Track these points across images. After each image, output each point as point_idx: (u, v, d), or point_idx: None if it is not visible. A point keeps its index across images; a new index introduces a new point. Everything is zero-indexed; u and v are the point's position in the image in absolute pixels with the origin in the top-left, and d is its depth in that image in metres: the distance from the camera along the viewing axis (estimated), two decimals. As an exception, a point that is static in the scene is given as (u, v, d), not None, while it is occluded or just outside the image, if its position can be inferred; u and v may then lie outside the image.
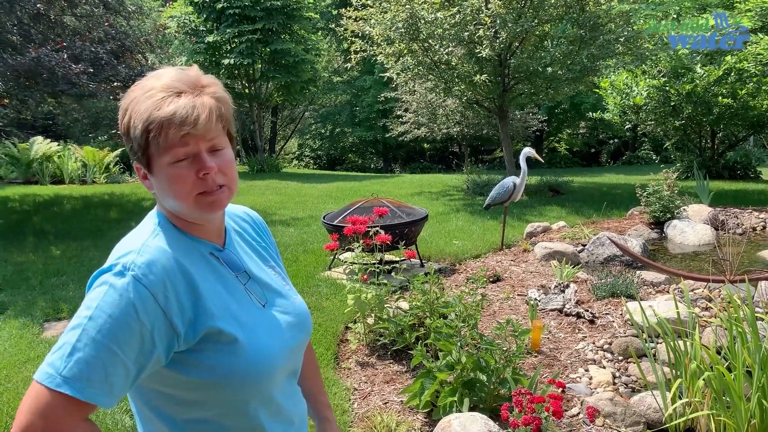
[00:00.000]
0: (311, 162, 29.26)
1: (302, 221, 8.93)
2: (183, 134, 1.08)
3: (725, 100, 11.80)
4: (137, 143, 1.10)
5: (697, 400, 2.90)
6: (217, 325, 1.12)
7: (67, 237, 7.96)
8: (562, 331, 4.28)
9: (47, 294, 5.56)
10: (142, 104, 1.09)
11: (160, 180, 1.13)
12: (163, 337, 1.07)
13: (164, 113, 1.07)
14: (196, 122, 1.09)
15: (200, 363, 1.12)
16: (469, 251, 6.64)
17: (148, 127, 1.08)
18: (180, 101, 1.09)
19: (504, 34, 9.36)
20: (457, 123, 17.08)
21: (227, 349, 1.13)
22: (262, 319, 1.22)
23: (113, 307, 1.03)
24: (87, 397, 1.01)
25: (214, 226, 1.24)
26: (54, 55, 7.87)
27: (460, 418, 2.76)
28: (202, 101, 1.11)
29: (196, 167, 1.12)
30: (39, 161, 14.25)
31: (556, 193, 11.47)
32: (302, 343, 1.33)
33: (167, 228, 1.18)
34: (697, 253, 6.36)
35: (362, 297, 4.11)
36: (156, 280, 1.07)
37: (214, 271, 1.19)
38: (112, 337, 1.02)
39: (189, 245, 1.18)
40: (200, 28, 17.59)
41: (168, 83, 1.11)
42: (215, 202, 1.15)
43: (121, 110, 1.12)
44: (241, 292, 1.22)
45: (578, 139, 27.75)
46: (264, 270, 1.33)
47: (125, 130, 1.12)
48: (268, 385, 1.20)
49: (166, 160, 1.10)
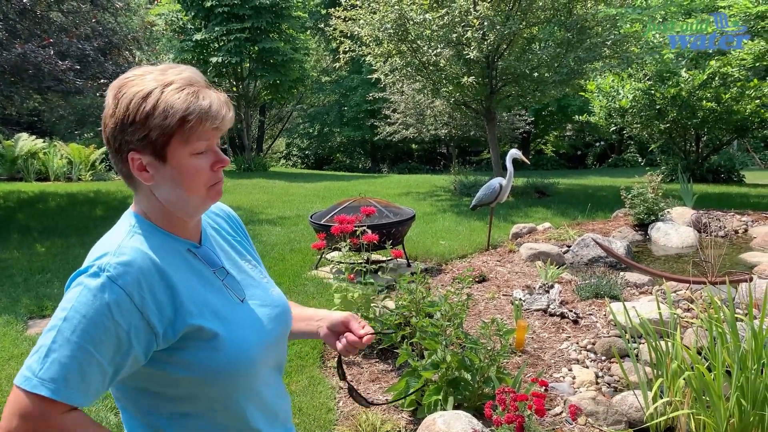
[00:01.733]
0: (299, 161, 29.22)
1: (289, 220, 8.93)
2: (213, 128, 1.13)
3: (709, 104, 11.94)
4: (162, 131, 1.10)
5: (677, 400, 2.95)
6: (196, 322, 1.14)
7: (52, 234, 7.91)
8: (546, 331, 4.32)
9: (31, 291, 5.53)
10: (175, 95, 1.10)
11: (176, 171, 1.14)
12: (141, 338, 1.09)
13: (203, 105, 1.11)
14: (224, 117, 1.15)
15: (182, 360, 1.14)
16: (456, 251, 6.68)
17: (187, 116, 1.10)
18: (211, 96, 1.14)
19: (492, 36, 9.41)
20: (445, 124, 17.15)
21: (208, 345, 1.15)
22: (242, 313, 1.24)
23: (87, 308, 1.05)
24: (63, 398, 1.03)
25: (193, 223, 1.26)
26: (40, 52, 7.81)
27: (445, 416, 2.79)
28: (225, 98, 1.17)
29: (212, 160, 1.17)
30: (24, 158, 14.12)
31: (542, 195, 11.55)
32: (283, 334, 1.35)
33: (144, 227, 1.19)
34: (680, 255, 6.43)
35: (349, 296, 4.13)
36: (131, 280, 1.08)
37: (191, 268, 1.21)
38: (87, 337, 1.04)
39: (166, 243, 1.19)
40: (188, 26, 17.51)
41: (190, 78, 1.15)
42: (219, 193, 1.21)
43: (133, 98, 1.10)
44: (219, 288, 1.24)
45: (565, 141, 27.94)
46: (240, 264, 1.34)
47: (143, 117, 1.10)
48: (251, 379, 1.22)
49: (188, 151, 1.13)
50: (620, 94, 13.03)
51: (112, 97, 1.13)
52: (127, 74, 1.16)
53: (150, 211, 1.21)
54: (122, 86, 1.13)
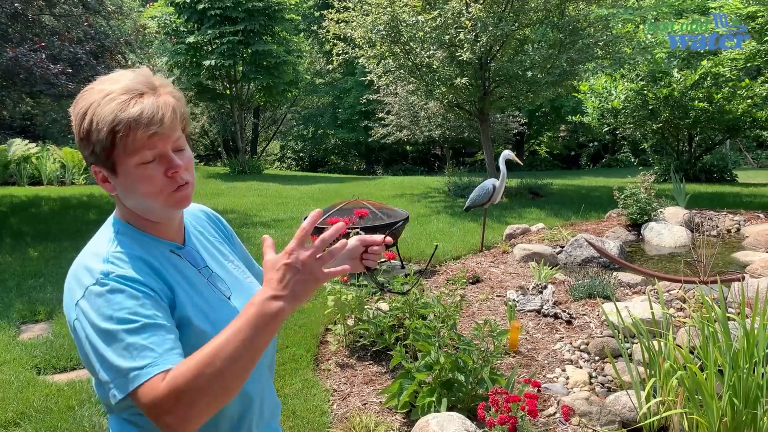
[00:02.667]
0: (293, 164, 29.20)
1: (283, 223, 8.92)
2: (150, 134, 1.10)
3: (701, 104, 11.99)
4: (101, 146, 1.10)
5: (670, 399, 2.95)
6: (187, 315, 1.16)
7: (45, 238, 7.88)
8: (539, 332, 4.33)
9: (24, 296, 5.50)
10: (105, 107, 1.09)
11: (127, 181, 1.14)
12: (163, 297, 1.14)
13: (131, 114, 1.09)
14: (161, 121, 1.11)
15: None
16: (450, 253, 6.69)
17: (114, 128, 1.08)
18: (144, 101, 1.11)
19: (484, 38, 9.43)
20: (438, 125, 17.17)
21: (196, 342, 1.14)
22: (228, 311, 1.24)
23: (126, 300, 1.07)
24: (171, 362, 1.04)
25: (175, 224, 1.27)
26: (32, 55, 7.79)
27: (438, 417, 2.79)
28: (165, 100, 1.14)
29: (164, 166, 1.14)
30: (17, 162, 14.05)
31: (536, 196, 11.57)
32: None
33: (127, 233, 1.20)
34: (673, 254, 6.46)
35: (342, 298, 4.13)
36: (135, 270, 1.12)
37: (177, 268, 1.22)
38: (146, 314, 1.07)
39: (151, 246, 1.21)
40: (181, 29, 17.47)
41: (128, 85, 1.12)
42: (184, 198, 1.19)
43: (77, 115, 1.12)
44: (205, 287, 1.25)
45: (558, 142, 27.99)
46: (224, 264, 1.36)
47: (85, 134, 1.11)
48: None
49: (134, 161, 1.12)
50: (613, 95, 13.07)
51: (72, 112, 1.15)
52: (88, 86, 1.16)
53: (129, 215, 1.22)
54: (77, 101, 1.14)
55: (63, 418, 3.33)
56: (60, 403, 3.52)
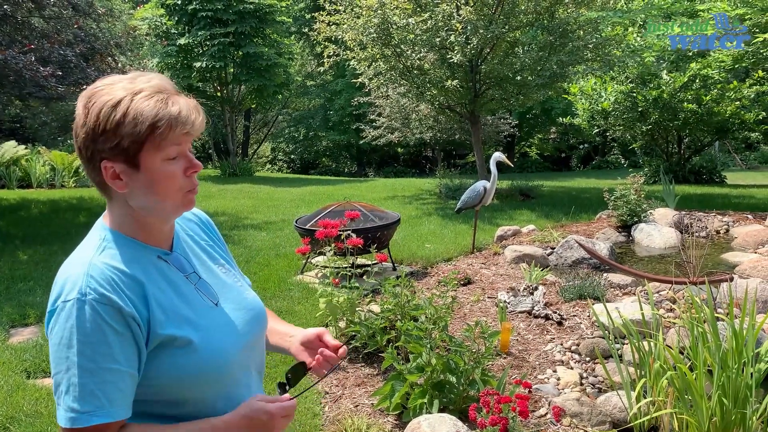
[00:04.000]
0: (285, 166, 29.15)
1: (275, 225, 8.91)
2: (184, 132, 1.14)
3: (690, 105, 12.07)
4: (133, 139, 1.11)
5: (660, 399, 2.97)
6: (167, 332, 1.16)
7: (34, 242, 7.83)
8: (530, 333, 4.34)
9: (13, 300, 5.46)
10: (144, 102, 1.11)
11: (149, 177, 1.15)
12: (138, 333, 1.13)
13: (172, 112, 1.12)
14: (194, 122, 1.15)
15: (158, 367, 1.15)
16: (441, 254, 6.70)
17: (156, 123, 1.11)
18: (180, 102, 1.15)
19: (475, 40, 9.46)
20: (429, 128, 17.17)
21: (182, 352, 1.16)
22: (215, 317, 1.25)
23: (92, 334, 1.08)
24: (115, 416, 1.08)
25: (166, 229, 1.27)
26: (21, 58, 7.75)
27: (430, 419, 2.80)
28: (195, 104, 1.18)
29: (184, 165, 1.17)
30: (6, 165, 13.96)
31: (527, 197, 11.61)
32: (258, 336, 1.37)
33: (115, 239, 1.20)
34: (663, 255, 6.50)
35: (334, 300, 4.13)
36: (109, 289, 1.11)
37: (163, 275, 1.22)
38: (101, 355, 1.08)
39: (138, 253, 1.20)
40: (172, 31, 17.43)
41: (159, 85, 1.15)
42: (192, 200, 1.22)
43: (103, 107, 1.11)
44: (192, 293, 1.25)
45: (549, 144, 28.10)
46: (214, 269, 1.36)
47: (113, 126, 1.11)
48: (227, 382, 1.23)
49: (160, 157, 1.14)
50: (603, 97, 13.14)
51: (82, 106, 1.14)
52: (97, 83, 1.16)
53: (122, 219, 1.21)
54: (92, 96, 1.13)
55: (53, 422, 3.30)
56: (50, 407, 3.50)
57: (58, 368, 1.08)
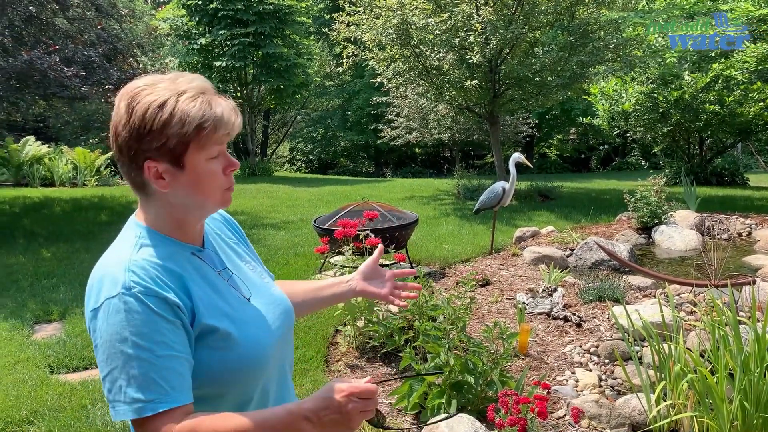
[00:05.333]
0: (303, 166, 29.24)
1: (293, 225, 8.95)
2: (226, 133, 1.17)
3: (712, 107, 11.92)
4: (180, 139, 1.13)
5: (681, 402, 2.95)
6: (210, 322, 1.17)
7: (57, 239, 7.95)
8: (549, 335, 4.33)
9: (37, 296, 5.56)
10: (190, 103, 1.14)
11: (193, 176, 1.17)
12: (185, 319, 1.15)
13: (217, 112, 1.15)
14: (234, 123, 1.19)
15: (199, 361, 1.17)
16: (459, 255, 6.69)
17: (202, 124, 1.13)
18: (222, 103, 1.18)
19: (495, 41, 9.44)
20: (448, 128, 17.15)
21: (221, 345, 1.18)
22: (250, 312, 1.27)
23: (144, 324, 1.09)
24: (179, 401, 1.09)
25: (199, 228, 1.29)
26: (46, 58, 7.88)
27: (448, 419, 2.80)
28: (234, 105, 1.21)
29: (224, 164, 1.20)
30: (29, 163, 14.18)
31: (546, 198, 11.55)
32: (288, 331, 1.39)
33: (151, 236, 1.21)
34: (684, 258, 6.44)
35: (352, 300, 4.14)
36: (157, 287, 1.12)
37: (199, 271, 1.24)
38: (155, 343, 1.09)
39: (173, 250, 1.22)
40: (192, 31, 17.58)
41: (202, 86, 1.18)
42: (230, 199, 1.25)
43: (149, 107, 1.13)
44: (226, 288, 1.26)
45: (568, 144, 27.91)
46: (241, 266, 1.38)
47: (160, 126, 1.12)
48: (264, 377, 1.25)
49: (204, 156, 1.17)
50: (623, 98, 13.02)
51: (125, 106, 1.14)
52: (137, 83, 1.17)
53: (157, 218, 1.23)
54: (135, 95, 1.14)
55: (76, 417, 3.36)
56: (73, 401, 3.56)
57: (112, 364, 1.09)
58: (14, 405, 3.51)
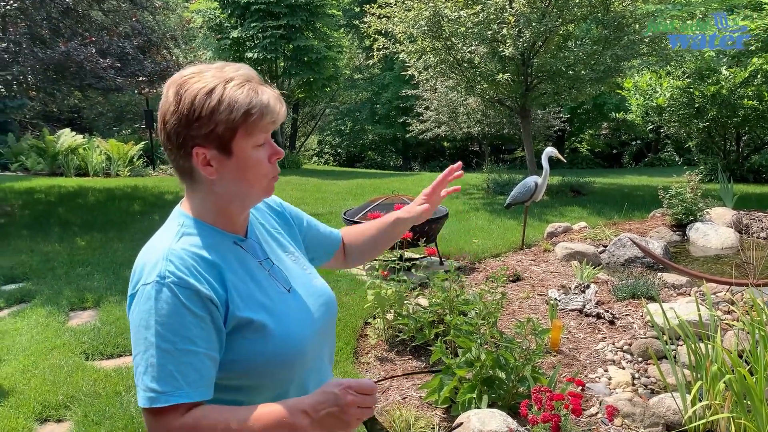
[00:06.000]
0: (331, 159, 29.30)
1: (322, 217, 8.95)
2: (272, 121, 1.18)
3: (751, 102, 11.64)
4: (228, 125, 1.14)
5: (717, 403, 2.89)
6: (245, 315, 1.17)
7: (91, 228, 8.09)
8: (581, 332, 4.28)
9: (73, 284, 5.66)
10: (237, 90, 1.14)
11: (240, 163, 1.18)
12: (216, 316, 1.15)
13: (264, 100, 1.16)
14: (279, 112, 1.19)
15: (234, 352, 1.17)
16: (489, 250, 6.64)
17: (250, 110, 1.14)
18: (267, 92, 1.18)
19: (528, 34, 9.33)
20: (478, 122, 17.02)
21: (256, 336, 1.18)
22: (289, 303, 1.27)
23: (170, 315, 1.10)
24: (193, 397, 1.10)
25: (243, 217, 1.29)
26: (83, 50, 8.01)
27: (479, 414, 2.78)
28: (278, 94, 1.21)
29: (269, 152, 1.21)
30: (64, 153, 14.45)
31: (578, 194, 11.41)
32: (329, 323, 1.39)
33: (194, 225, 1.22)
34: (720, 256, 6.30)
35: (382, 293, 4.14)
36: (192, 278, 1.13)
37: (240, 261, 1.24)
38: (180, 337, 1.09)
39: (216, 239, 1.22)
40: (225, 24, 17.72)
41: (247, 74, 1.18)
42: (273, 187, 1.26)
43: (197, 93, 1.14)
44: (266, 279, 1.27)
45: (600, 139, 27.51)
46: (283, 257, 1.37)
47: (209, 112, 1.13)
48: (302, 369, 1.25)
49: (251, 143, 1.18)
50: (658, 92, 12.78)
51: (174, 93, 1.15)
52: (184, 72, 1.19)
53: (202, 206, 1.24)
54: (183, 83, 1.16)
55: (110, 403, 3.42)
56: (107, 388, 3.62)
57: (137, 349, 1.11)
58: (51, 390, 3.59)
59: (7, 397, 3.52)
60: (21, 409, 3.38)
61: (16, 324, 4.68)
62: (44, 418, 3.36)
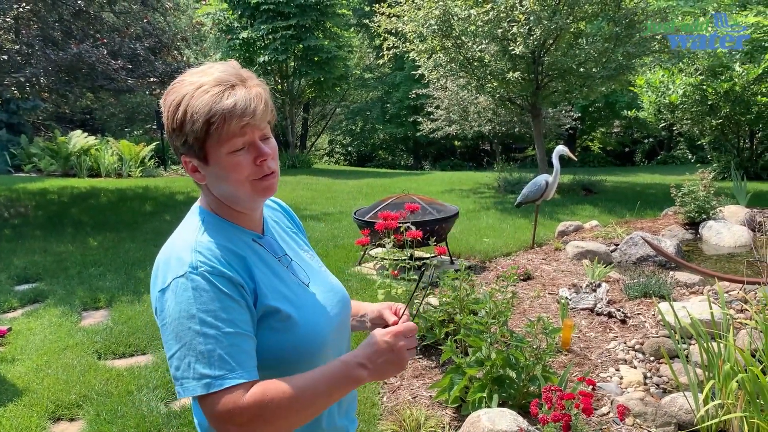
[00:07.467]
0: (341, 158, 29.33)
1: (333, 216, 8.99)
2: (243, 125, 1.15)
3: (764, 99, 11.53)
4: (194, 136, 1.15)
5: (730, 402, 2.87)
6: (273, 303, 1.20)
7: (103, 228, 8.15)
8: (592, 331, 4.25)
9: (85, 284, 5.70)
10: (200, 99, 1.13)
11: (218, 170, 1.18)
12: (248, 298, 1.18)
13: (225, 105, 1.13)
14: (254, 113, 1.16)
15: (261, 342, 1.19)
16: (500, 249, 6.63)
17: (210, 119, 1.13)
18: (238, 93, 1.15)
19: (538, 32, 9.29)
20: (488, 120, 16.97)
21: (282, 327, 1.20)
22: (309, 297, 1.29)
23: (210, 302, 1.11)
24: (246, 377, 1.11)
25: (257, 215, 1.31)
26: (94, 51, 8.06)
27: (490, 413, 2.78)
28: (257, 92, 1.18)
29: (253, 155, 1.19)
30: (77, 154, 14.56)
31: (589, 192, 11.35)
32: (345, 319, 1.41)
33: (212, 221, 1.24)
34: (733, 254, 6.25)
35: (392, 292, 4.14)
36: (223, 265, 1.15)
37: (259, 256, 1.26)
38: (221, 321, 1.11)
39: (234, 235, 1.24)
40: (235, 25, 17.77)
41: (219, 77, 1.16)
42: (269, 186, 1.23)
43: (170, 107, 1.16)
44: (285, 274, 1.29)
45: (612, 138, 27.34)
46: (300, 253, 1.41)
47: (178, 125, 1.15)
48: (321, 362, 1.26)
49: (225, 150, 1.16)
50: (670, 90, 12.68)
51: (162, 104, 1.19)
52: (176, 79, 1.20)
53: (214, 205, 1.26)
54: (167, 94, 1.18)
55: (122, 402, 3.44)
56: (120, 387, 3.64)
57: (181, 341, 1.11)
58: (64, 389, 3.62)
59: (21, 396, 3.55)
60: (34, 408, 3.41)
61: (30, 324, 4.72)
62: (57, 417, 3.39)
